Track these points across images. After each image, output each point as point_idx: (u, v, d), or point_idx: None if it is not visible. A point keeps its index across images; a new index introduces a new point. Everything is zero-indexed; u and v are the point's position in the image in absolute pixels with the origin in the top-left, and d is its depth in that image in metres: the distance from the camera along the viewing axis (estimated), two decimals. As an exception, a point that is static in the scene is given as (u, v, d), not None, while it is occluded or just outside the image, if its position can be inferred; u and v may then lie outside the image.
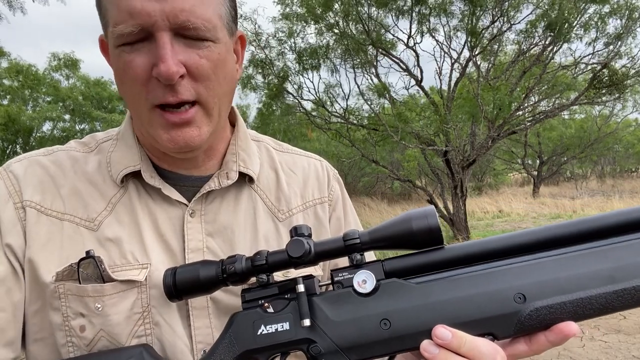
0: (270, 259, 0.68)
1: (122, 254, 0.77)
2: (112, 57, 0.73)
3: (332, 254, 0.68)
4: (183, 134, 0.74)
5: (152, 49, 0.69)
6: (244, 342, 0.67)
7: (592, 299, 0.60)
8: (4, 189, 0.79)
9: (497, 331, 0.62)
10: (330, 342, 0.65)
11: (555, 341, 0.61)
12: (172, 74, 0.68)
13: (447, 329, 0.61)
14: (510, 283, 0.62)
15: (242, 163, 0.87)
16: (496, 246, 0.66)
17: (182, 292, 0.69)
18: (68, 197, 0.80)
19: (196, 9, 0.69)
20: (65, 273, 0.75)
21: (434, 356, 0.60)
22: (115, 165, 0.82)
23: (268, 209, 0.89)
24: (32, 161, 0.82)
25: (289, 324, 0.66)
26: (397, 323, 0.63)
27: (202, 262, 0.70)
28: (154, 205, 0.82)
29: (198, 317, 0.79)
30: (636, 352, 4.31)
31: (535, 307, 0.61)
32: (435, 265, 0.67)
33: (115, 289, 0.75)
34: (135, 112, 0.76)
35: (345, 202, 1.00)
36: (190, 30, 0.69)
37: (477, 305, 0.62)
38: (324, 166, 1.00)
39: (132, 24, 0.67)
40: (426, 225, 0.64)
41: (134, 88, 0.72)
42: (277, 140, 1.01)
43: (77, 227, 0.78)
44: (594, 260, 0.62)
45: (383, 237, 0.66)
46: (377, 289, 0.66)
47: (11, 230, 0.76)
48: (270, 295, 0.69)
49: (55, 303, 0.75)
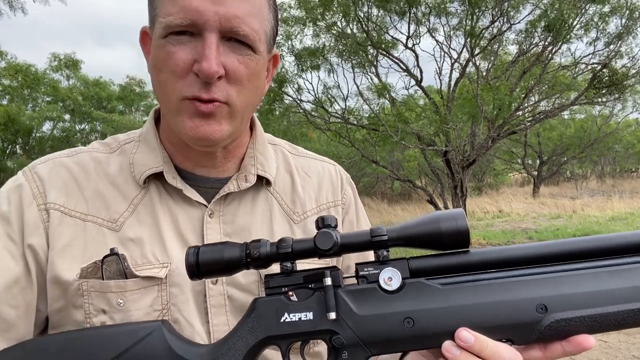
0: (295, 246, 0.69)
1: (143, 253, 0.80)
2: (155, 47, 0.77)
3: (358, 248, 0.70)
4: (205, 126, 0.77)
5: (198, 46, 0.73)
6: (267, 328, 0.68)
7: (609, 315, 0.63)
8: (29, 190, 0.81)
9: (517, 338, 0.64)
10: (352, 335, 0.66)
11: (571, 352, 0.63)
12: (212, 73, 0.72)
13: (470, 333, 0.62)
14: (533, 293, 0.64)
15: (260, 166, 0.90)
16: (520, 254, 0.68)
17: (204, 271, 0.69)
18: (91, 199, 0.82)
19: (248, 18, 0.74)
20: (90, 270, 0.77)
21: (455, 357, 0.62)
22: (138, 166, 0.85)
23: (284, 211, 0.92)
24: (57, 163, 0.85)
25: (312, 314, 0.67)
26: (421, 322, 0.65)
27: (225, 242, 0.71)
28: (174, 206, 0.84)
29: (216, 314, 0.81)
30: (636, 352, 4.32)
31: (555, 318, 0.63)
32: (460, 268, 0.68)
33: (137, 285, 0.78)
34: (165, 100, 0.79)
35: (358, 206, 1.03)
36: (240, 36, 0.74)
37: (499, 311, 0.64)
38: (338, 171, 1.03)
39: (182, 17, 0.72)
40: (455, 227, 0.66)
41: (171, 78, 0.75)
42: (292, 144, 1.04)
43: (100, 228, 0.80)
44: (614, 280, 0.64)
45: (411, 235, 0.68)
46: (402, 287, 0.67)
47: (34, 232, 0.78)
48: (294, 284, 0.69)
49: (78, 301, 0.77)
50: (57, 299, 0.78)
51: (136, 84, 19.79)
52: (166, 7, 0.73)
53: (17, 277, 0.76)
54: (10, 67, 15.98)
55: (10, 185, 0.82)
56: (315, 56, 10.23)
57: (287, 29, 10.24)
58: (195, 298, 0.81)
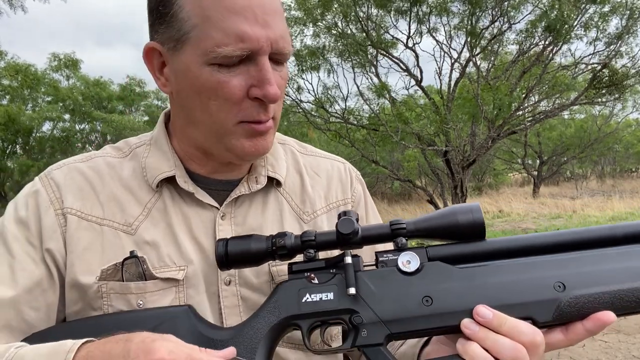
0: (318, 237, 0.73)
1: (160, 256, 0.82)
2: (196, 74, 0.75)
3: (378, 238, 0.73)
4: (263, 142, 0.81)
5: (251, 71, 0.74)
6: (288, 308, 0.70)
7: (629, 292, 0.63)
8: (45, 196, 0.83)
9: (536, 316, 0.64)
10: (372, 314, 0.67)
11: (592, 329, 0.63)
12: (278, 97, 0.75)
13: (489, 309, 0.63)
14: (551, 272, 0.66)
15: (270, 168, 0.91)
16: (538, 242, 0.69)
17: (233, 262, 0.75)
18: (106, 203, 0.84)
19: (286, 35, 0.76)
20: (109, 272, 0.79)
21: (474, 333, 0.63)
22: (150, 170, 0.86)
23: (294, 211, 0.93)
24: (72, 168, 0.87)
25: (333, 294, 0.70)
26: (439, 301, 0.66)
27: (251, 235, 0.76)
28: (187, 209, 0.86)
29: (230, 314, 0.83)
30: (636, 352, 4.31)
31: (574, 294, 0.64)
32: (477, 256, 0.70)
33: (156, 286, 0.80)
34: (215, 125, 0.79)
35: (367, 202, 1.04)
36: (285, 56, 0.77)
37: (518, 290, 0.65)
38: (347, 168, 1.04)
39: (241, 48, 0.72)
40: (471, 220, 0.69)
41: (224, 106, 0.76)
42: (301, 142, 1.05)
43: (116, 232, 0.82)
44: (630, 258, 0.65)
45: (429, 227, 0.71)
46: (420, 269, 0.69)
47: (52, 236, 0.80)
48: (316, 268, 0.72)
49: (97, 303, 0.79)
50: (76, 302, 0.80)
51: (136, 84, 19.79)
52: (216, 37, 0.72)
53: (38, 279, 0.78)
54: (10, 67, 15.98)
55: (28, 190, 0.85)
56: (315, 56, 10.23)
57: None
58: (210, 299, 0.83)
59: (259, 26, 0.72)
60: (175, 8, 0.74)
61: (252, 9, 0.72)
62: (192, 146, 0.86)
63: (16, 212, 0.82)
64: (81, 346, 0.62)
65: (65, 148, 17.57)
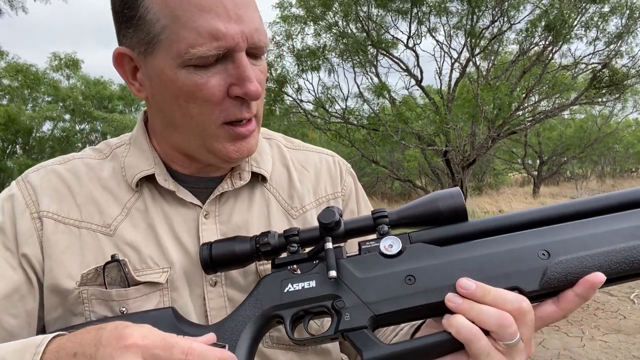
0: (302, 234, 0.72)
1: (141, 258, 0.79)
2: (173, 76, 0.72)
3: (362, 230, 0.71)
4: (247, 145, 0.78)
5: (229, 69, 0.71)
6: (270, 299, 0.69)
7: (615, 252, 0.62)
8: (21, 199, 0.80)
9: (523, 285, 0.63)
10: (354, 297, 0.66)
11: (582, 294, 0.61)
12: (259, 93, 0.72)
13: (471, 281, 0.62)
14: (535, 241, 0.65)
15: (254, 163, 0.88)
16: (520, 220, 0.68)
17: (218, 265, 0.73)
18: (84, 205, 0.81)
19: (260, 28, 0.73)
20: (90, 276, 0.76)
21: (458, 306, 0.61)
22: (129, 169, 0.84)
23: (281, 207, 0.90)
24: (49, 170, 0.84)
25: (315, 282, 0.69)
26: (422, 279, 0.65)
27: (235, 237, 0.74)
28: (168, 208, 0.83)
29: (215, 317, 0.80)
30: (636, 352, 4.31)
31: (559, 259, 0.62)
32: (460, 237, 0.69)
33: (139, 292, 0.77)
34: (198, 129, 0.76)
35: (359, 194, 1.01)
36: (261, 49, 0.74)
37: (501, 261, 0.64)
38: (336, 161, 1.01)
39: (216, 47, 0.68)
40: (452, 204, 0.68)
41: (205, 107, 0.73)
42: (288, 137, 1.02)
43: (95, 234, 0.79)
44: (615, 222, 0.64)
45: (411, 215, 0.70)
46: (402, 251, 0.68)
47: (27, 241, 0.78)
48: (298, 260, 0.72)
49: (78, 309, 0.76)
50: (55, 308, 0.77)
51: (136, 84, 19.74)
52: (188, 37, 0.68)
53: (16, 285, 0.76)
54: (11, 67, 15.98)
55: (4, 195, 0.82)
56: (315, 56, 10.22)
57: (287, 28, 10.23)
58: (195, 302, 0.80)
59: (232, 22, 0.69)
60: (141, 10, 0.70)
61: (222, 4, 0.68)
62: (173, 149, 0.83)
63: None
64: (52, 339, 0.59)
65: (65, 148, 17.56)
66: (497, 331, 0.59)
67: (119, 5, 0.74)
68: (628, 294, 5.96)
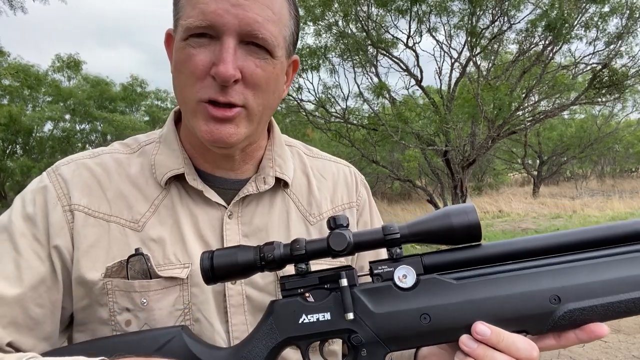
0: (309, 247, 0.70)
1: (165, 254, 0.82)
2: (177, 49, 0.78)
3: (371, 246, 0.70)
4: (220, 129, 0.78)
5: (216, 50, 0.75)
6: (286, 330, 0.69)
7: (621, 303, 0.64)
8: (53, 192, 0.83)
9: (531, 329, 0.65)
10: (371, 333, 0.67)
11: (584, 340, 0.65)
12: (229, 77, 0.73)
13: (487, 326, 0.64)
14: (546, 285, 0.66)
15: (278, 168, 0.92)
16: (532, 246, 0.69)
17: (219, 275, 0.71)
18: (114, 200, 0.84)
19: (268, 24, 0.75)
20: (115, 269, 0.79)
21: (472, 350, 0.63)
22: (159, 167, 0.86)
23: (300, 213, 0.93)
24: (79, 164, 0.86)
25: (330, 314, 0.68)
26: (437, 318, 0.66)
27: (239, 246, 0.72)
28: (194, 207, 0.86)
29: (235, 314, 0.83)
30: (636, 352, 4.32)
31: (569, 308, 0.64)
32: (472, 262, 0.69)
33: (160, 285, 0.80)
34: (183, 102, 0.81)
35: (372, 207, 1.05)
36: (258, 40, 0.75)
37: (514, 304, 0.65)
38: (352, 172, 1.05)
39: (201, 19, 0.73)
40: (466, 221, 0.67)
41: (189, 80, 0.77)
42: (307, 145, 1.06)
43: (123, 229, 0.82)
44: (624, 267, 0.66)
45: (422, 231, 0.69)
46: (417, 284, 0.68)
47: (59, 233, 0.80)
48: (310, 285, 0.71)
49: (103, 299, 0.80)
50: (82, 298, 0.81)
51: (138, 84, 19.80)
52: (187, 11, 0.75)
53: (43, 277, 0.78)
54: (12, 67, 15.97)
55: (35, 186, 0.84)
56: (316, 55, 10.22)
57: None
58: (215, 298, 0.83)
59: (227, 3, 0.73)
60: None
61: None
62: (192, 136, 0.87)
63: (24, 209, 0.81)
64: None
65: (65, 148, 17.57)
66: None
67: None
68: (628, 294, 5.96)
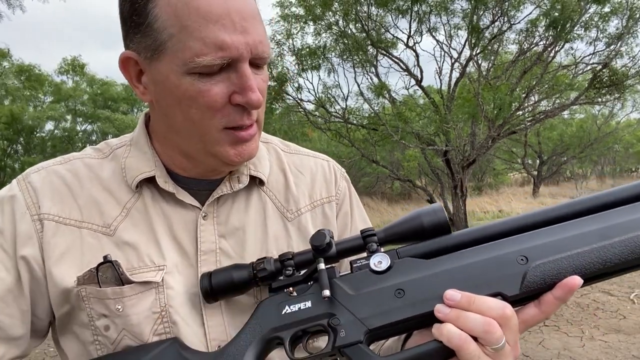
0: (297, 257, 0.77)
1: (139, 257, 0.81)
2: (177, 83, 0.74)
3: (353, 250, 0.76)
4: (247, 148, 0.81)
5: (232, 78, 0.74)
6: (269, 322, 0.73)
7: (588, 253, 0.65)
8: (22, 201, 0.81)
9: (505, 290, 0.66)
10: (348, 313, 0.70)
11: (561, 297, 0.65)
12: (260, 102, 0.75)
13: (457, 291, 0.66)
14: (513, 248, 0.69)
15: (252, 167, 0.91)
16: (502, 229, 0.73)
17: (218, 294, 0.77)
18: (85, 206, 0.83)
19: (264, 40, 0.76)
20: (86, 277, 0.78)
21: (445, 315, 0.65)
22: (130, 170, 0.85)
23: (277, 210, 0.92)
24: (50, 171, 0.85)
25: (310, 302, 0.73)
26: (411, 291, 0.69)
27: (234, 266, 0.78)
28: (168, 209, 0.85)
29: (211, 315, 0.82)
30: (636, 352, 4.32)
31: (537, 263, 0.66)
32: (445, 250, 0.73)
33: (134, 290, 0.78)
34: (199, 133, 0.79)
35: (352, 198, 1.04)
36: (264, 60, 0.76)
37: (483, 269, 0.68)
38: (331, 166, 1.04)
39: (221, 57, 0.71)
40: (436, 220, 0.73)
41: (206, 113, 0.76)
42: (284, 141, 1.05)
43: (95, 234, 0.81)
44: (586, 224, 0.68)
45: (397, 232, 0.75)
46: (391, 267, 0.72)
47: (27, 243, 0.79)
48: (295, 283, 0.75)
49: (81, 305, 0.79)
50: (63, 304, 0.80)
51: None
52: (195, 47, 0.70)
53: (9, 287, 0.78)
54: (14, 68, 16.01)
55: (4, 194, 0.83)
56: (316, 55, 10.22)
57: (287, 27, 10.22)
58: (191, 300, 0.82)
59: (237, 33, 0.71)
60: (150, 18, 0.72)
61: (229, 16, 0.71)
62: (175, 151, 0.85)
63: None
64: None
65: (66, 148, 17.57)
66: (484, 337, 0.63)
67: (128, 11, 0.75)
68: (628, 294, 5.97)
